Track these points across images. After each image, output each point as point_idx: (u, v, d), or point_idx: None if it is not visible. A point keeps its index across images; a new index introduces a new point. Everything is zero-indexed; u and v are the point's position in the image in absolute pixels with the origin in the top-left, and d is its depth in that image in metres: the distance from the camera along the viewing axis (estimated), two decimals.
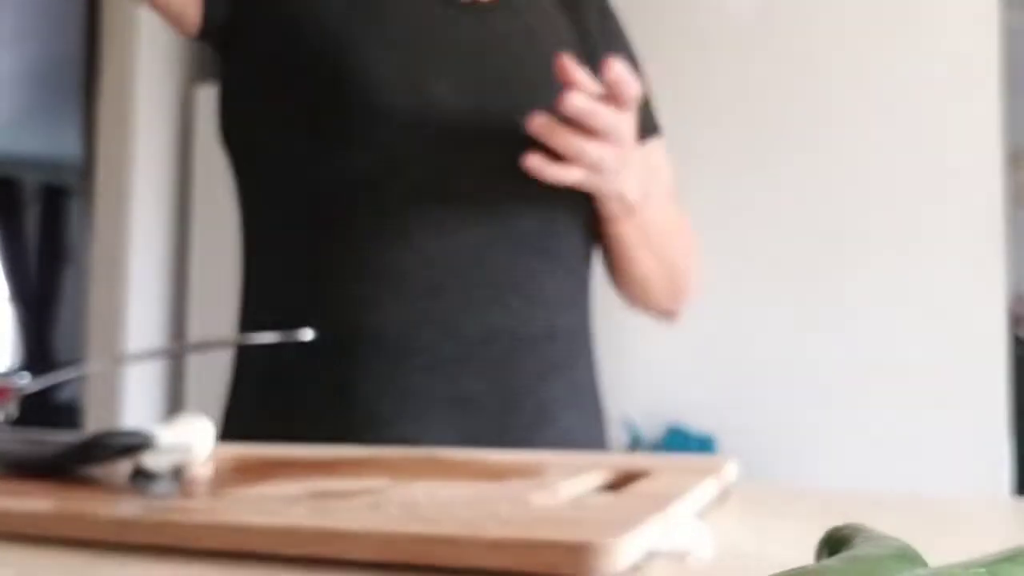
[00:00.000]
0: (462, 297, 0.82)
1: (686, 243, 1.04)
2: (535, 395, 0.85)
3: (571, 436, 0.88)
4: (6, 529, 0.42)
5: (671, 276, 1.02)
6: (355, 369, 0.82)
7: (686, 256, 1.03)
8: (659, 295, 1.03)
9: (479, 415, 0.82)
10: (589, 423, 0.95)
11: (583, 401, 0.93)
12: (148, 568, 0.37)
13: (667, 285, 1.02)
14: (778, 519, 0.46)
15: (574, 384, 0.91)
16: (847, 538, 0.27)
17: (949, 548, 0.38)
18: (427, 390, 0.81)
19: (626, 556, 0.34)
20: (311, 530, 0.37)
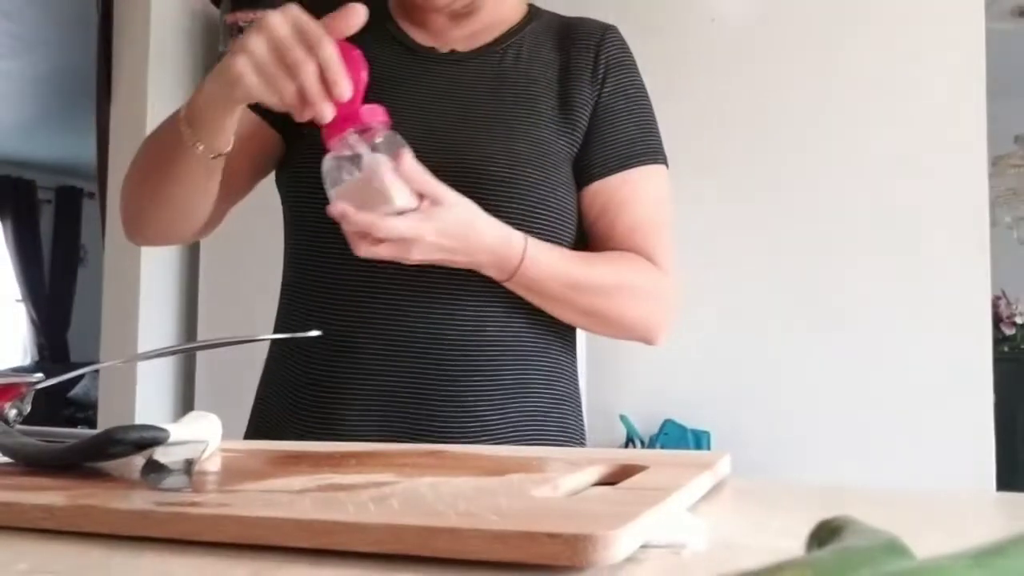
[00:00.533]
0: (393, 306, 0.93)
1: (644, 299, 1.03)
2: (455, 393, 0.94)
3: (490, 432, 0.95)
4: (22, 522, 0.43)
5: (607, 327, 1.04)
6: (309, 369, 0.97)
7: (633, 308, 1.02)
8: (607, 335, 1.07)
9: (403, 409, 0.93)
10: (519, 421, 0.98)
11: (511, 401, 0.97)
12: (161, 560, 0.38)
13: (611, 332, 1.06)
14: (770, 512, 0.47)
15: (501, 385, 0.97)
16: (837, 530, 0.28)
17: (936, 541, 0.39)
18: (359, 387, 0.94)
19: (623, 548, 0.35)
20: (317, 522, 0.38)
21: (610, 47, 1.07)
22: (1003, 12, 3.39)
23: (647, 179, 1.05)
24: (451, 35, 1.04)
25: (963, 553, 0.22)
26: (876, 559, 0.24)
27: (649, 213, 1.04)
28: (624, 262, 1.02)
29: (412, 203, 0.83)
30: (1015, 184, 4.38)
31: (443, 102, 0.99)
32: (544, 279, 0.94)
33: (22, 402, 0.59)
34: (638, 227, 1.02)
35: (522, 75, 1.02)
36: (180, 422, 0.53)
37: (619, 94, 1.05)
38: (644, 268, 1.02)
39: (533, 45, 1.05)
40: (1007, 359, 3.52)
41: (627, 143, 1.04)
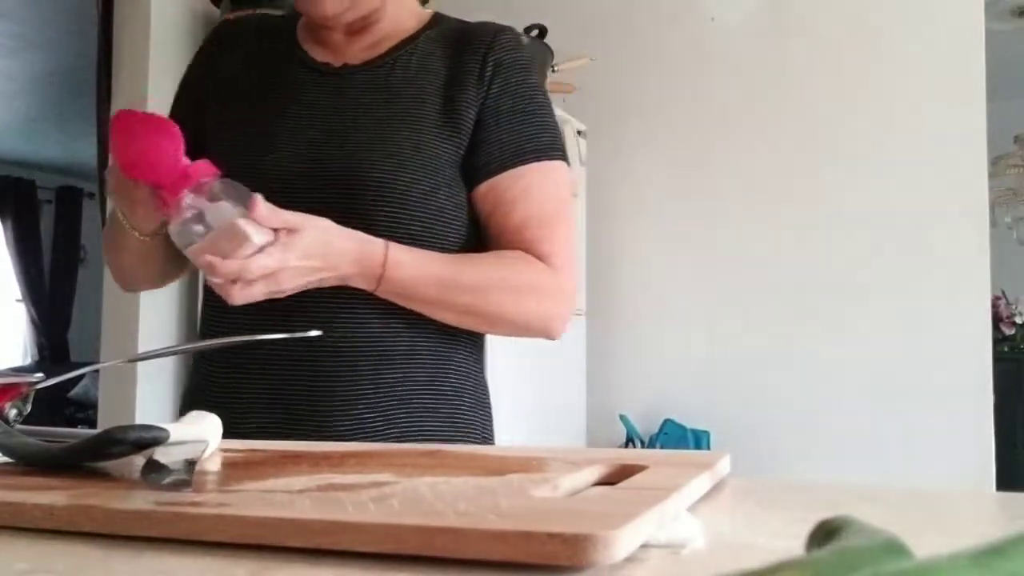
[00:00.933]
0: (280, 309, 0.96)
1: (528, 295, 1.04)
2: (333, 391, 0.99)
3: (369, 429, 0.99)
4: (22, 522, 0.43)
5: (492, 326, 1.07)
6: (212, 372, 1.06)
7: (514, 305, 1.03)
8: (497, 334, 1.11)
9: (286, 406, 0.99)
10: (401, 417, 1.01)
11: (390, 399, 1.01)
12: (160, 560, 0.38)
13: (498, 331, 1.09)
14: (770, 511, 0.47)
15: (382, 382, 1.01)
16: (836, 530, 0.28)
17: (936, 540, 0.40)
18: (248, 385, 1.01)
19: (623, 548, 0.35)
20: (317, 522, 0.38)
21: (499, 50, 1.09)
22: (1002, 12, 3.39)
23: (537, 176, 1.06)
24: (348, 50, 1.10)
25: (962, 553, 0.22)
26: (876, 559, 0.24)
27: (539, 210, 1.06)
28: (505, 260, 1.04)
29: (269, 236, 0.88)
30: (1015, 184, 4.39)
31: (327, 114, 1.05)
32: (413, 282, 0.97)
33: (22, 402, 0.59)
34: (527, 225, 1.04)
35: (409, 83, 1.06)
36: (180, 422, 0.53)
37: (507, 94, 1.07)
38: (528, 265, 1.04)
39: (425, 53, 1.09)
40: (1007, 359, 3.52)
41: (515, 142, 1.06)
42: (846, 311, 2.57)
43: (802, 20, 2.70)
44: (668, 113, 2.86)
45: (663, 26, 2.88)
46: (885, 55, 2.58)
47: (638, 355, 2.85)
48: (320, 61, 1.09)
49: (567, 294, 1.08)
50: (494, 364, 2.13)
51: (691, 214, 2.80)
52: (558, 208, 1.08)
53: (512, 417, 2.32)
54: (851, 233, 2.58)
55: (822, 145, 2.64)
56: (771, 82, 2.72)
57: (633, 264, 2.88)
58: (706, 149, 2.79)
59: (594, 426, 2.80)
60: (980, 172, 2.47)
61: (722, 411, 2.68)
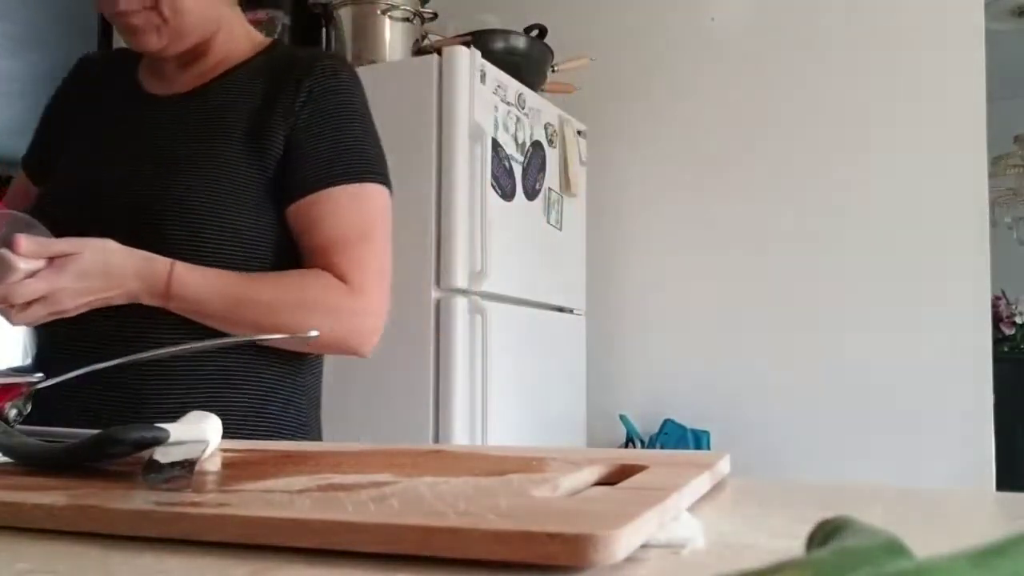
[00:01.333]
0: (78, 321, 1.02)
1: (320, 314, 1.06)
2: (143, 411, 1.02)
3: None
4: (22, 522, 0.43)
5: (287, 342, 1.08)
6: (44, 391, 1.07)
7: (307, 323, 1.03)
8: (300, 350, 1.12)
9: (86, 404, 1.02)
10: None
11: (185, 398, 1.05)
12: (160, 560, 0.38)
13: (294, 347, 1.10)
14: (770, 511, 0.47)
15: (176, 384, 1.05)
16: (836, 530, 0.28)
17: (936, 540, 0.40)
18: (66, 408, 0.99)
19: (623, 548, 0.35)
20: (317, 522, 0.38)
21: (315, 76, 1.12)
22: (1002, 12, 3.39)
23: (344, 199, 1.09)
24: (180, 80, 1.15)
25: (962, 553, 0.22)
26: (876, 559, 0.24)
27: (343, 232, 1.08)
28: (301, 279, 1.08)
29: (38, 263, 0.94)
30: (1015, 184, 4.38)
31: (137, 141, 1.11)
32: (200, 298, 1.01)
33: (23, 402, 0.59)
34: (331, 245, 1.07)
35: (225, 108, 1.11)
36: (180, 422, 0.53)
37: (318, 118, 1.10)
38: (324, 285, 1.06)
39: (246, 79, 1.13)
40: (1007, 359, 3.51)
41: (322, 165, 1.09)
42: (846, 311, 2.57)
43: (801, 20, 2.69)
44: (668, 113, 2.86)
45: (663, 26, 2.88)
46: (885, 55, 2.58)
47: (638, 355, 2.85)
48: (149, 92, 1.16)
49: (368, 314, 1.09)
50: (495, 365, 2.14)
51: (691, 214, 2.80)
52: (364, 230, 1.10)
53: (512, 417, 2.32)
54: (851, 233, 2.58)
55: (822, 145, 2.64)
56: (771, 82, 2.72)
57: (633, 264, 2.88)
58: (706, 149, 2.79)
59: (594, 426, 2.80)
60: (980, 172, 2.47)
61: (722, 411, 2.68)
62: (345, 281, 1.06)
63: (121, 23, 1.08)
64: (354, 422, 2.11)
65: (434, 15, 2.47)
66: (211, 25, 1.12)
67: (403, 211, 2.15)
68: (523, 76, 2.39)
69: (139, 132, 1.12)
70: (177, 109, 1.12)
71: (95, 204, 1.07)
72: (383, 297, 1.11)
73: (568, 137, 2.61)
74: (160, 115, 1.13)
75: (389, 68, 2.30)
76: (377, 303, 1.11)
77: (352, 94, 1.15)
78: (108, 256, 0.98)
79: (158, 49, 1.09)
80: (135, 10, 1.05)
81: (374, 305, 1.10)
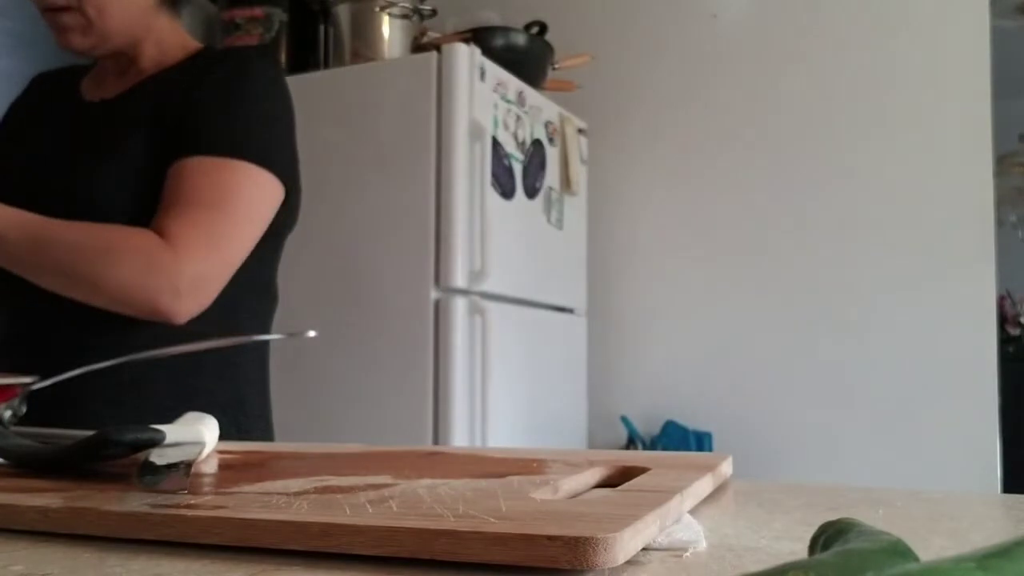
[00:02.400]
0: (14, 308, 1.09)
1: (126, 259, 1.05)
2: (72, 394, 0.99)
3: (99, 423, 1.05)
4: (17, 524, 0.43)
5: (91, 291, 1.06)
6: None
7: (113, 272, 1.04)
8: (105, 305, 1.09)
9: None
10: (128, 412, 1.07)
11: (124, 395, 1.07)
12: (156, 562, 0.37)
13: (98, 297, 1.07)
14: (772, 514, 0.47)
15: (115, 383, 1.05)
16: (840, 532, 0.28)
17: (940, 543, 0.39)
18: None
19: (624, 551, 0.35)
20: (315, 524, 0.37)
21: (227, 63, 1.15)
22: (1008, 9, 3.38)
23: (206, 167, 1.09)
24: (114, 88, 1.19)
25: (967, 556, 0.21)
26: (879, 562, 0.23)
27: (188, 195, 1.07)
28: (115, 229, 1.06)
29: None
30: (1020, 183, 4.38)
31: (61, 142, 1.15)
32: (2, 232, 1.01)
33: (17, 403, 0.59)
34: (166, 206, 1.07)
35: (139, 106, 1.14)
36: (176, 423, 0.53)
37: (212, 96, 1.12)
38: (140, 237, 1.05)
39: (167, 78, 1.16)
40: (1012, 359, 3.51)
41: (198, 135, 1.10)
42: (850, 311, 2.56)
43: (804, 16, 2.69)
44: (669, 111, 2.85)
45: (664, 23, 2.88)
46: (889, 53, 2.57)
47: (639, 356, 2.85)
48: (84, 99, 1.21)
49: (181, 274, 1.04)
50: (495, 365, 2.14)
51: (693, 213, 2.80)
52: (213, 199, 1.07)
53: (513, 418, 2.32)
54: (855, 232, 2.58)
55: (825, 144, 2.64)
56: (773, 79, 2.71)
57: (634, 263, 2.88)
58: (708, 147, 2.79)
59: (595, 428, 2.79)
60: (985, 171, 2.47)
61: (724, 412, 2.68)
62: (165, 238, 1.04)
63: (50, 20, 1.13)
64: (352, 423, 2.11)
65: (433, 12, 2.47)
66: (138, 31, 1.17)
67: (402, 210, 2.16)
68: (523, 73, 2.39)
69: (62, 134, 1.17)
70: (96, 112, 1.17)
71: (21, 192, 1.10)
72: (208, 262, 1.06)
73: (569, 135, 2.61)
74: (86, 119, 1.17)
75: (388, 66, 2.30)
76: (197, 265, 1.05)
77: (257, 81, 1.15)
78: None
79: (85, 49, 1.14)
80: (61, 7, 1.10)
81: (192, 268, 1.04)
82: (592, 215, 2.80)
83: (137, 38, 1.17)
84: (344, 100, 2.26)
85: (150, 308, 1.04)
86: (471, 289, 2.11)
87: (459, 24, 2.43)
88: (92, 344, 1.03)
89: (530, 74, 2.45)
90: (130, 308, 1.05)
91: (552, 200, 2.53)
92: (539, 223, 2.47)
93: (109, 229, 1.05)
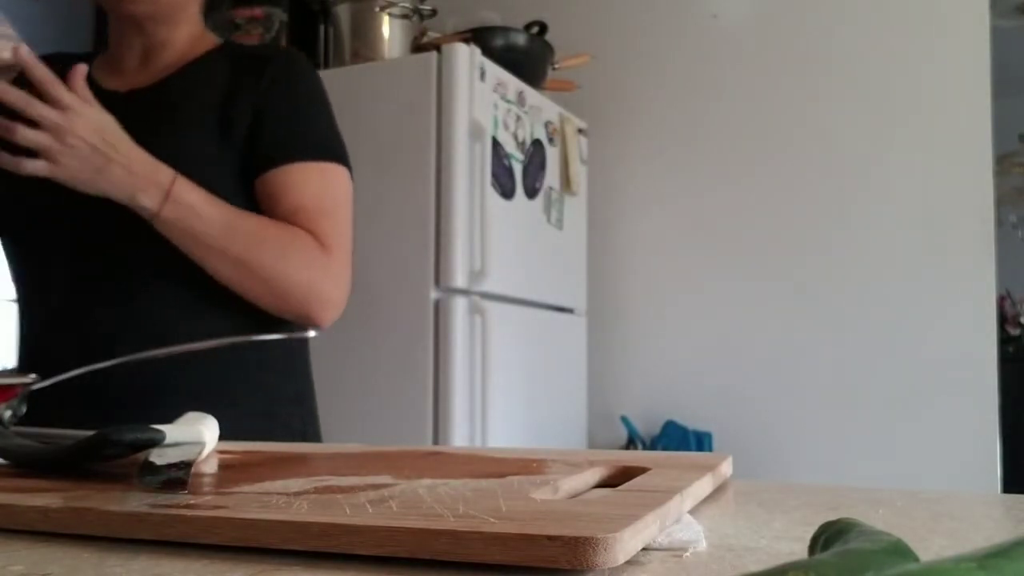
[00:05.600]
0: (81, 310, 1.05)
1: (297, 257, 1.07)
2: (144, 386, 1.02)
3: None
4: (17, 524, 0.43)
5: (263, 285, 1.07)
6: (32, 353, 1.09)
7: (298, 269, 1.06)
8: (266, 301, 1.09)
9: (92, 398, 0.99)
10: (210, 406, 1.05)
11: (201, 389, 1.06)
12: (156, 562, 0.37)
13: (267, 293, 1.08)
14: (772, 514, 0.47)
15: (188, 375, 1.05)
16: (840, 532, 0.28)
17: (940, 543, 0.39)
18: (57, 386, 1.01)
19: (624, 551, 0.35)
20: (314, 525, 0.37)
21: (276, 65, 1.15)
22: (1008, 9, 3.38)
23: (312, 173, 1.11)
24: (138, 77, 1.16)
25: (968, 556, 0.21)
26: (879, 562, 0.23)
27: (312, 203, 1.09)
28: (286, 226, 1.07)
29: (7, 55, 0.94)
30: (1020, 183, 4.38)
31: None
32: (198, 211, 1.01)
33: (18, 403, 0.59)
34: (300, 210, 1.08)
35: (186, 99, 1.12)
36: (176, 423, 0.53)
37: (283, 100, 1.13)
38: (306, 238, 1.07)
39: (206, 71, 1.15)
40: (1012, 359, 3.51)
41: (290, 140, 1.10)
42: (850, 311, 2.56)
43: (804, 17, 2.69)
44: (669, 111, 2.85)
45: (664, 23, 2.87)
46: (889, 52, 2.57)
47: (639, 356, 2.85)
48: (108, 88, 1.15)
49: (337, 276, 1.09)
50: (495, 365, 2.14)
51: (693, 213, 2.80)
52: (334, 204, 1.11)
53: (512, 418, 2.32)
54: (855, 232, 2.58)
55: (826, 144, 2.64)
56: (773, 80, 2.71)
57: (634, 263, 2.88)
58: (708, 146, 2.79)
59: (595, 427, 2.79)
60: (985, 171, 2.47)
61: (724, 412, 2.68)
62: (316, 240, 1.07)
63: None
64: (353, 423, 2.11)
65: (433, 12, 2.47)
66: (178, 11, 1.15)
67: (402, 210, 2.16)
68: (523, 73, 2.39)
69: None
70: (141, 103, 1.13)
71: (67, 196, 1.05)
72: (348, 274, 1.11)
73: (569, 135, 2.61)
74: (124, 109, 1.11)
75: (388, 66, 2.30)
76: (346, 272, 1.10)
77: (313, 79, 1.18)
78: (118, 127, 0.99)
79: (142, 13, 1.12)
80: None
81: (344, 272, 1.10)
82: (592, 215, 2.80)
83: (175, 20, 1.15)
84: (344, 100, 2.25)
85: (304, 311, 1.07)
86: (471, 289, 2.11)
87: (459, 24, 2.43)
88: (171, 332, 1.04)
89: (530, 74, 2.45)
90: (286, 306, 1.07)
91: (552, 200, 2.53)
92: (539, 223, 2.47)
93: (281, 226, 1.07)
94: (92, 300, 1.07)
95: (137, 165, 0.98)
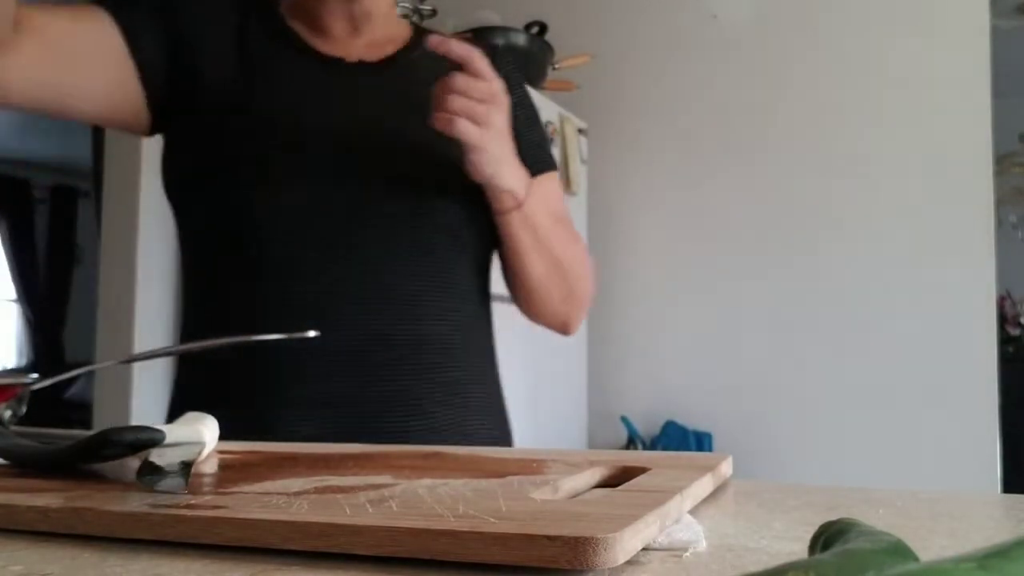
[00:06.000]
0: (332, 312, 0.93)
1: (579, 253, 1.10)
2: (405, 393, 0.95)
3: (441, 429, 0.97)
4: (17, 524, 0.43)
5: (565, 278, 1.07)
6: (250, 382, 0.95)
7: (581, 264, 1.09)
8: (555, 301, 1.09)
9: (349, 410, 0.92)
10: (465, 417, 1.02)
11: (457, 399, 1.00)
12: (156, 563, 0.37)
13: (562, 289, 1.08)
14: (772, 514, 0.47)
15: (447, 384, 0.99)
16: (840, 533, 0.28)
17: (940, 543, 0.39)
18: (300, 396, 0.92)
19: (624, 551, 0.35)
20: (314, 525, 0.37)
21: (504, 66, 1.09)
22: (1008, 9, 3.38)
23: (551, 184, 1.11)
24: (353, 44, 1.06)
25: (968, 556, 0.21)
26: (880, 562, 0.23)
27: (560, 207, 1.10)
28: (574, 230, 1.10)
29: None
30: (1020, 183, 4.39)
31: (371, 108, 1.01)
32: (540, 208, 1.00)
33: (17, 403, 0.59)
34: (560, 220, 1.08)
35: (422, 88, 1.01)
36: (176, 423, 0.53)
37: (517, 109, 1.07)
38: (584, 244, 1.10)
39: (432, 62, 1.03)
40: (1012, 360, 3.51)
41: (532, 150, 1.07)
42: (849, 311, 2.57)
43: (805, 17, 2.69)
44: (669, 111, 2.85)
45: (664, 23, 2.88)
46: (889, 53, 2.57)
47: (640, 356, 2.85)
48: (330, 55, 1.04)
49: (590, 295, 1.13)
50: None
51: (693, 213, 2.80)
52: (564, 215, 1.11)
53: (513, 418, 2.31)
54: (855, 233, 2.58)
55: (825, 144, 2.64)
56: (774, 80, 2.71)
57: (634, 264, 2.88)
58: (708, 147, 2.79)
59: (595, 428, 2.79)
60: (985, 171, 2.47)
61: (724, 413, 2.68)
62: None
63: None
64: None
65: (433, 11, 2.47)
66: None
67: None
68: (523, 73, 2.39)
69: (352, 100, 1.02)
70: (381, 79, 1.04)
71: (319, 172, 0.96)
72: None
73: (569, 135, 2.61)
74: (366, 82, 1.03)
75: None
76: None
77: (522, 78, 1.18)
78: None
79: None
80: None
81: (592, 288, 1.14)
82: (592, 215, 2.80)
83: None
84: None
85: (575, 319, 1.12)
86: None
87: (459, 24, 2.43)
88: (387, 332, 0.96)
89: (530, 74, 2.45)
90: (564, 309, 1.09)
91: None
92: None
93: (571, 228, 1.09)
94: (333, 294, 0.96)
95: (513, 157, 0.95)
